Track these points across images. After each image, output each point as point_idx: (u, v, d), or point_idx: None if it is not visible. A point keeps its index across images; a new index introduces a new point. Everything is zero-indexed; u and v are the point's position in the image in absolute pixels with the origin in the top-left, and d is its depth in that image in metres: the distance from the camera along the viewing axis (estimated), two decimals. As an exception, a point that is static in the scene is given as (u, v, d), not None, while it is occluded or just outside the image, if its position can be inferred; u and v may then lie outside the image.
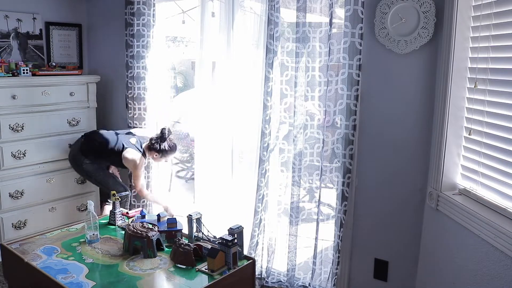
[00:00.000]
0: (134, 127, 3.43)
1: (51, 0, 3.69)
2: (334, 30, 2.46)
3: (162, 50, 3.41)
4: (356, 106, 2.45)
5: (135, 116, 3.41)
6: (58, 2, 3.75)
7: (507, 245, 1.64)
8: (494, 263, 1.74)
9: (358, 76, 2.42)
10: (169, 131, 3.17)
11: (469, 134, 2.03)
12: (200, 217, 2.38)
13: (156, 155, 3.17)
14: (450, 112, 2.09)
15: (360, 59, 2.39)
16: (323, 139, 2.61)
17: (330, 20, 2.43)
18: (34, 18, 3.59)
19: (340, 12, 2.52)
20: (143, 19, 3.25)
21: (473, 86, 1.99)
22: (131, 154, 3.12)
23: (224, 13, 3.02)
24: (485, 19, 1.89)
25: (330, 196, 2.95)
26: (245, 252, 2.35)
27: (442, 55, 2.10)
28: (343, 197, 2.54)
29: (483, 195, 1.94)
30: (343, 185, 2.53)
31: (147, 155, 3.21)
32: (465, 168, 2.10)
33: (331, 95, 2.52)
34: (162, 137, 3.13)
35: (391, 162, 2.45)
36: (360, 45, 2.37)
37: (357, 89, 2.43)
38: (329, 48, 2.47)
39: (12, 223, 3.25)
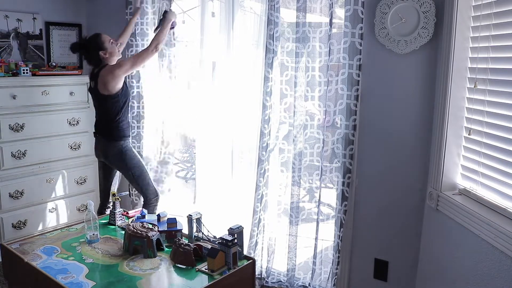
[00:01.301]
0: (132, 124, 3.42)
1: (51, 0, 3.69)
2: (334, 30, 2.46)
3: (162, 50, 3.41)
4: (356, 106, 2.45)
5: (133, 115, 3.41)
6: (58, 2, 3.75)
7: (507, 245, 1.64)
8: (494, 263, 1.74)
9: (358, 76, 2.42)
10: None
11: (469, 134, 2.03)
12: (200, 217, 2.38)
13: (103, 52, 2.82)
14: (450, 112, 2.09)
15: (360, 59, 2.39)
16: (323, 139, 2.61)
17: (330, 20, 2.43)
18: (34, 18, 3.59)
19: (340, 12, 2.52)
20: (147, 18, 3.25)
21: (473, 86, 1.99)
22: (103, 71, 2.78)
23: (224, 13, 3.02)
24: (485, 19, 1.89)
25: (330, 196, 2.95)
26: (245, 252, 2.35)
27: (442, 55, 2.10)
28: (343, 197, 2.54)
29: (483, 195, 1.94)
30: (343, 185, 2.54)
31: (111, 63, 2.86)
32: (465, 168, 2.10)
33: (331, 95, 2.52)
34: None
35: (391, 162, 2.45)
36: (360, 45, 2.37)
37: (357, 89, 2.43)
38: (329, 48, 2.47)
39: (12, 223, 3.25)
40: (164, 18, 2.89)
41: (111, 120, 2.88)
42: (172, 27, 2.96)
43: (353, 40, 2.37)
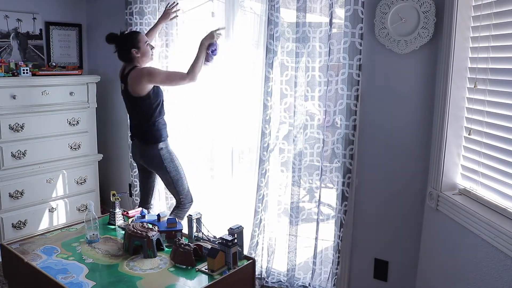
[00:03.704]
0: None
1: (51, 0, 3.69)
2: (334, 30, 2.46)
3: (162, 50, 3.41)
4: (356, 106, 2.45)
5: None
6: (58, 2, 3.75)
7: (507, 245, 1.64)
8: (494, 263, 1.74)
9: (358, 76, 2.42)
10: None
11: (469, 134, 2.03)
12: (200, 217, 2.38)
13: (135, 51, 2.71)
14: (450, 112, 2.09)
15: (360, 59, 2.39)
16: (323, 139, 2.61)
17: (330, 20, 2.43)
18: (34, 18, 3.59)
19: (340, 12, 2.52)
20: (146, 19, 3.25)
21: (473, 86, 1.99)
22: (133, 73, 2.67)
23: (224, 13, 3.02)
24: (485, 19, 1.89)
25: (330, 196, 2.95)
26: (245, 252, 2.35)
27: (442, 55, 2.10)
28: (343, 197, 2.54)
29: (483, 195, 1.94)
30: (343, 185, 2.54)
31: (142, 64, 2.76)
32: (465, 168, 2.10)
33: (331, 95, 2.52)
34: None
35: (391, 162, 2.45)
36: (360, 45, 2.37)
37: (357, 89, 2.43)
38: (329, 48, 2.47)
39: (12, 223, 3.25)
40: (200, 45, 2.65)
41: (146, 122, 2.76)
42: (212, 53, 2.66)
43: (353, 40, 2.37)
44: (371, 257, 2.59)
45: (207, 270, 2.06)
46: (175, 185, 2.86)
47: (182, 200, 2.89)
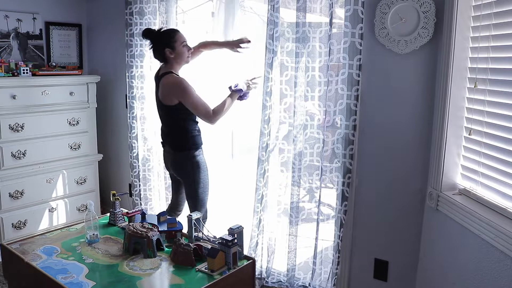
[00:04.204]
0: (133, 124, 3.42)
1: (51, 0, 3.69)
2: (334, 30, 2.46)
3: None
4: (356, 106, 2.45)
5: (133, 115, 3.41)
6: (58, 2, 3.75)
7: (507, 245, 1.64)
8: (494, 263, 1.74)
9: (358, 76, 2.42)
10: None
11: (469, 134, 2.03)
12: (200, 217, 2.38)
13: (169, 51, 2.55)
14: (450, 112, 2.09)
15: (360, 59, 2.39)
16: (323, 139, 2.61)
17: (330, 20, 2.43)
18: (34, 18, 3.59)
19: (340, 12, 2.52)
20: (146, 19, 3.25)
21: (473, 86, 1.99)
22: (164, 81, 2.54)
23: (224, 13, 3.02)
24: (485, 19, 1.89)
25: (330, 196, 2.95)
26: (245, 252, 2.35)
27: (442, 55, 2.10)
28: (343, 197, 2.54)
29: (483, 195, 1.94)
30: (343, 185, 2.54)
31: (175, 69, 2.61)
32: (465, 168, 2.10)
33: (331, 95, 2.52)
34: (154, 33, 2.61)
35: (391, 162, 2.45)
36: (360, 45, 2.37)
37: (357, 89, 2.43)
38: (329, 48, 2.47)
39: (12, 223, 3.25)
40: (231, 94, 2.65)
41: (178, 128, 2.62)
42: (241, 97, 2.68)
43: (353, 40, 2.37)
44: (371, 257, 2.59)
45: (207, 270, 2.06)
46: (195, 198, 2.70)
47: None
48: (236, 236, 2.12)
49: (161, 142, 2.81)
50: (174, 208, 2.96)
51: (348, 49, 2.40)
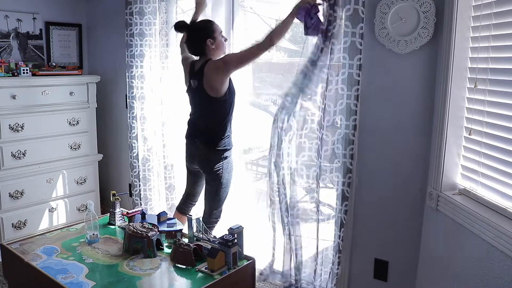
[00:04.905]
0: (133, 125, 3.42)
1: (51, 0, 3.70)
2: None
3: (163, 50, 3.42)
4: (356, 106, 2.45)
5: (133, 115, 3.41)
6: (58, 2, 3.75)
7: (507, 245, 1.64)
8: (494, 263, 1.74)
9: (358, 76, 2.42)
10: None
11: (469, 134, 2.03)
12: (200, 217, 2.38)
13: (211, 41, 2.51)
14: (450, 112, 2.09)
15: (360, 59, 2.39)
16: (323, 139, 2.60)
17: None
18: (34, 18, 3.59)
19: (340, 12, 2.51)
20: (146, 19, 3.25)
21: (473, 86, 1.99)
22: (209, 67, 2.48)
23: (224, 13, 3.02)
24: (485, 19, 1.89)
25: (330, 196, 2.95)
26: (245, 252, 2.35)
27: (442, 55, 2.10)
28: (343, 197, 2.54)
29: (483, 195, 1.94)
30: (343, 185, 2.53)
31: (216, 56, 2.55)
32: (465, 168, 2.10)
33: (331, 95, 2.51)
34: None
35: (391, 162, 2.45)
36: (361, 45, 2.37)
37: (357, 89, 2.43)
38: (330, 47, 2.46)
39: (12, 223, 3.25)
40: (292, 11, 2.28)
41: (218, 125, 2.56)
42: (309, 22, 2.19)
43: (354, 39, 2.37)
44: (371, 257, 2.59)
45: (207, 270, 2.06)
46: (214, 198, 2.67)
47: (211, 216, 2.72)
48: (236, 236, 2.12)
49: (189, 135, 2.72)
50: (189, 198, 2.92)
51: (348, 48, 2.39)
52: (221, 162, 2.61)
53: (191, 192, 2.92)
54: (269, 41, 2.35)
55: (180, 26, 2.57)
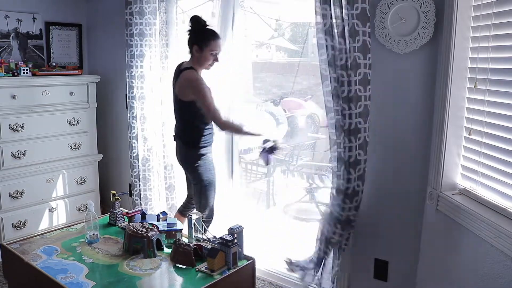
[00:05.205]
0: (133, 125, 3.41)
1: (51, 0, 3.69)
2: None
3: (163, 50, 3.42)
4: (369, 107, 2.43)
5: (133, 115, 3.41)
6: (58, 2, 3.75)
7: (507, 245, 1.64)
8: (494, 263, 1.74)
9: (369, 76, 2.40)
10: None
11: (469, 134, 2.03)
12: (200, 217, 2.39)
13: (196, 49, 2.58)
14: (450, 112, 2.09)
15: (370, 58, 2.36)
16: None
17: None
18: (34, 18, 3.59)
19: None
20: (146, 19, 3.25)
21: (473, 86, 1.99)
22: (183, 75, 2.56)
23: (224, 13, 3.02)
24: (485, 19, 1.89)
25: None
26: (245, 252, 2.35)
27: (442, 55, 2.10)
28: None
29: (483, 195, 1.94)
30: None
31: (197, 67, 2.62)
32: (465, 168, 2.10)
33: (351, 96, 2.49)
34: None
35: (391, 162, 2.45)
36: (369, 44, 2.35)
37: (369, 89, 2.41)
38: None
39: (12, 223, 3.25)
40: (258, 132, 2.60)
41: (190, 125, 2.68)
42: (268, 152, 2.57)
43: (364, 38, 2.34)
44: (371, 257, 2.59)
45: (207, 270, 2.06)
46: (201, 196, 2.74)
47: (202, 214, 2.73)
48: (236, 236, 2.12)
49: (173, 135, 2.84)
50: (189, 200, 2.98)
51: (362, 48, 2.35)
52: (199, 160, 2.67)
53: (189, 194, 2.97)
54: (223, 126, 2.55)
55: (193, 19, 2.61)
